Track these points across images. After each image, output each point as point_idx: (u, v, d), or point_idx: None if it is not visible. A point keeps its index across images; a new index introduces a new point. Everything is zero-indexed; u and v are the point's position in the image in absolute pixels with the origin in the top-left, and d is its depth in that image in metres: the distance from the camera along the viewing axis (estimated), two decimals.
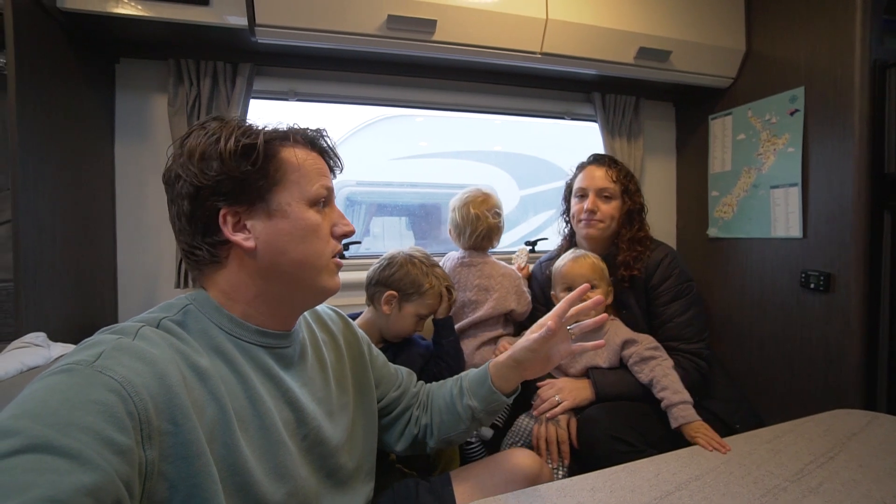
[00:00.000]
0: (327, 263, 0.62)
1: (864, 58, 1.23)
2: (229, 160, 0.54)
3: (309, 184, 0.59)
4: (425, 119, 2.15)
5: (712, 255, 1.75)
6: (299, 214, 0.58)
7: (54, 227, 1.09)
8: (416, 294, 1.10)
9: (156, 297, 1.39)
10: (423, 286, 1.10)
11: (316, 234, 0.60)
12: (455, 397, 0.78)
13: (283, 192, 0.58)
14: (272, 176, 0.57)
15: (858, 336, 1.27)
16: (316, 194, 0.60)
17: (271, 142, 0.58)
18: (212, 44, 1.31)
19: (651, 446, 0.95)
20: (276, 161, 0.58)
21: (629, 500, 0.65)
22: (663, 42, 1.49)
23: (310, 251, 0.59)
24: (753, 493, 0.67)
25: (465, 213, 1.31)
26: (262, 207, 0.57)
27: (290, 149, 0.59)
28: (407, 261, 1.13)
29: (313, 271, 0.60)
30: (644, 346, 1.09)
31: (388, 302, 1.10)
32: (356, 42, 1.26)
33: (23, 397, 0.40)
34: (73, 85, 1.16)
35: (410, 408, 0.84)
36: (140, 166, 1.37)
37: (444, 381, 0.86)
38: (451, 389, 0.81)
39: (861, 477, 0.70)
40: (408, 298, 1.10)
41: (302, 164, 0.59)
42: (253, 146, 0.56)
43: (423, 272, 1.11)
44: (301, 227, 0.58)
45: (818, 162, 1.36)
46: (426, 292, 1.10)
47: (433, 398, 0.84)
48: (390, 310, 1.10)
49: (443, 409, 0.80)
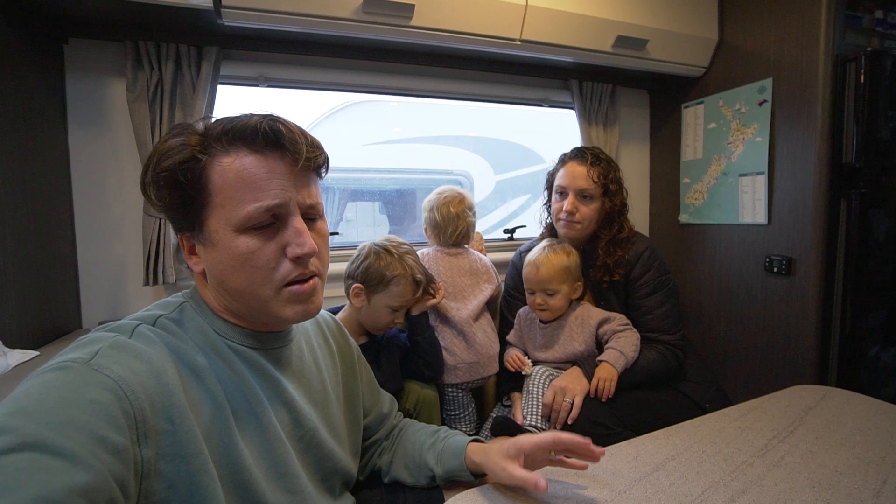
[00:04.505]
0: (275, 293, 0.53)
1: (828, 52, 1.28)
2: (154, 190, 0.51)
3: (236, 206, 0.50)
4: (399, 104, 2.10)
5: (683, 241, 1.81)
6: (226, 243, 0.51)
7: (4, 226, 1.01)
8: (381, 285, 1.09)
9: (123, 297, 1.32)
10: (386, 276, 1.09)
11: (249, 264, 0.51)
12: (424, 450, 0.74)
13: (211, 218, 0.51)
14: (197, 200, 0.50)
15: (814, 316, 1.36)
16: (246, 218, 0.50)
17: (191, 161, 0.49)
18: (174, 25, 1.22)
19: (628, 429, 1.00)
20: (202, 181, 0.50)
21: (611, 481, 0.68)
22: (640, 31, 1.50)
23: (247, 282, 0.52)
24: (724, 469, 0.71)
25: (445, 213, 1.33)
26: (200, 234, 0.52)
27: (223, 160, 0.50)
28: (371, 252, 1.12)
29: (259, 302, 0.53)
30: (617, 323, 1.17)
31: (356, 295, 1.10)
32: (330, 26, 1.21)
33: (17, 394, 0.39)
34: (15, 68, 1.06)
35: (381, 440, 0.82)
36: (98, 156, 1.27)
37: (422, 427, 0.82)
38: (423, 441, 0.76)
39: (817, 448, 0.76)
40: (374, 290, 1.10)
41: (228, 183, 0.50)
42: (169, 171, 0.49)
43: (388, 263, 1.10)
44: (230, 256, 0.51)
45: (783, 151, 1.43)
46: (391, 281, 1.09)
47: (403, 437, 0.80)
48: (360, 303, 1.11)
49: (410, 454, 0.76)
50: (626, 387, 1.08)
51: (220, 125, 0.51)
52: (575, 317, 1.21)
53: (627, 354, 1.10)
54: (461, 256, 1.36)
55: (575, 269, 1.20)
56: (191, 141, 0.50)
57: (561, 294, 1.18)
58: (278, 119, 0.52)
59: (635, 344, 1.14)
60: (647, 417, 1.01)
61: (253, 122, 0.50)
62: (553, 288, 1.17)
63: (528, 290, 1.23)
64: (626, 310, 1.23)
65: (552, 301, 1.18)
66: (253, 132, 0.50)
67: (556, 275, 1.17)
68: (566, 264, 1.18)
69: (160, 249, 1.24)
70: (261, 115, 0.52)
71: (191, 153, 0.50)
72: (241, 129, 0.50)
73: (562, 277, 1.17)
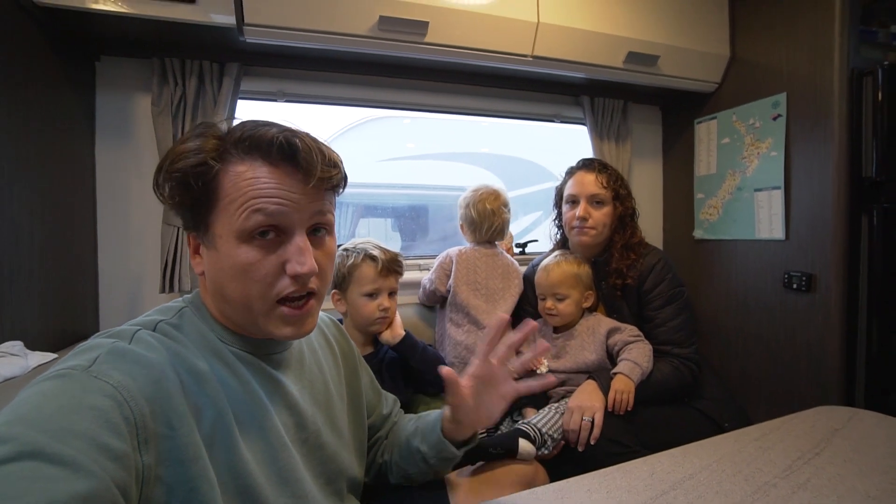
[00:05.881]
0: (270, 309, 0.52)
1: (843, 66, 1.28)
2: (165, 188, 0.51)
3: (240, 214, 0.49)
4: (412, 120, 2.14)
5: (698, 257, 1.78)
6: (228, 250, 0.50)
7: (32, 232, 1.05)
8: (347, 279, 1.11)
9: (139, 303, 1.35)
10: (346, 266, 1.11)
11: (248, 275, 0.50)
12: (410, 436, 0.73)
13: (216, 223, 0.51)
14: (205, 203, 0.50)
15: (838, 335, 1.31)
16: (247, 228, 0.49)
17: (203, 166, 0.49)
18: (198, 43, 1.28)
19: (644, 446, 0.97)
20: (213, 186, 0.50)
21: (626, 500, 0.66)
22: (651, 47, 1.52)
23: (243, 293, 0.51)
24: (745, 490, 0.68)
25: (481, 209, 1.36)
26: (205, 236, 0.52)
27: (237, 167, 0.50)
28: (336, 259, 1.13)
29: (251, 314, 0.52)
30: (628, 334, 1.16)
31: (337, 301, 1.14)
32: (347, 43, 1.25)
33: (16, 403, 0.38)
34: (50, 84, 1.12)
35: (382, 438, 0.81)
36: (122, 168, 1.32)
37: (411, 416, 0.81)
38: (407, 427, 0.76)
39: (846, 472, 0.72)
40: (345, 287, 1.12)
41: (237, 191, 0.49)
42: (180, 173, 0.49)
43: (345, 256, 1.12)
44: (230, 264, 0.50)
45: (800, 166, 1.41)
46: (350, 269, 1.11)
47: (396, 430, 0.79)
48: (343, 306, 1.13)
49: (401, 445, 0.75)
50: (642, 401, 1.05)
51: (239, 131, 0.51)
52: (586, 326, 1.21)
53: (642, 365, 1.08)
54: (497, 257, 1.38)
55: (585, 278, 1.21)
56: (206, 146, 0.50)
57: (571, 300, 1.18)
58: (297, 133, 0.51)
59: (648, 355, 1.12)
60: (664, 435, 0.97)
61: (271, 135, 0.50)
62: (563, 292, 1.19)
63: (540, 295, 1.24)
64: (638, 322, 1.22)
65: (562, 306, 1.19)
66: (269, 144, 0.50)
67: (566, 279, 1.19)
68: (576, 271, 1.20)
69: (177, 258, 1.27)
70: (280, 128, 0.51)
71: (204, 159, 0.49)
72: (258, 139, 0.50)
73: (571, 283, 1.19)
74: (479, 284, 1.32)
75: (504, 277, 1.37)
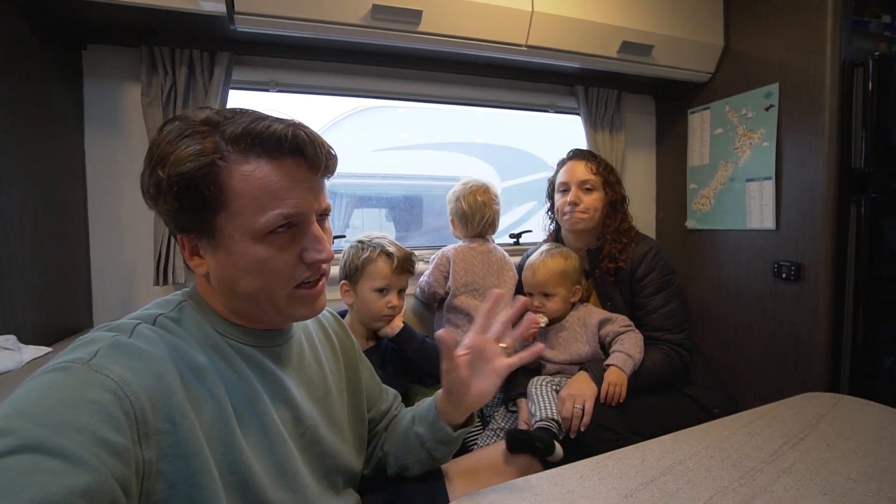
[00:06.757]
0: (287, 297, 0.54)
1: (835, 57, 1.28)
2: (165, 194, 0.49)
3: (255, 214, 0.49)
4: (406, 110, 2.12)
5: (690, 247, 1.80)
6: (243, 249, 0.50)
7: (22, 225, 1.03)
8: (360, 272, 1.12)
9: (133, 296, 1.34)
10: (361, 262, 1.11)
11: (265, 270, 0.51)
12: (408, 424, 0.74)
13: (226, 223, 0.50)
14: (212, 204, 0.49)
15: (825, 323, 1.34)
16: (264, 226, 0.50)
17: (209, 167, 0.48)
18: (188, 31, 1.25)
19: (635, 433, 0.99)
20: (217, 186, 0.49)
21: (618, 486, 0.67)
22: (646, 36, 1.51)
23: (259, 286, 0.52)
24: (732, 475, 0.70)
25: (472, 201, 1.37)
26: (207, 238, 0.52)
27: (243, 167, 0.49)
28: (349, 249, 1.15)
29: (269, 305, 0.54)
30: (619, 324, 1.17)
31: (345, 292, 1.13)
32: (340, 32, 1.23)
33: (16, 396, 0.39)
34: (36, 73, 1.10)
35: (381, 431, 0.81)
36: (112, 159, 1.30)
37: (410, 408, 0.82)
38: (406, 415, 0.78)
39: (829, 456, 0.74)
40: (356, 280, 1.12)
41: (248, 192, 0.49)
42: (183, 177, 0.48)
43: (360, 251, 1.13)
44: (246, 262, 0.51)
45: (791, 156, 1.42)
46: (366, 264, 1.11)
47: (395, 422, 0.80)
48: (351, 298, 1.13)
49: (399, 434, 0.76)
50: (634, 390, 1.07)
51: (236, 127, 0.49)
52: (577, 318, 1.22)
53: (634, 356, 1.10)
54: (490, 254, 1.38)
55: (573, 273, 1.21)
56: (206, 148, 0.48)
57: (558, 297, 1.19)
58: (301, 126, 0.51)
59: (639, 345, 1.14)
60: (655, 422, 0.99)
61: (278, 132, 0.49)
62: (550, 291, 1.19)
63: (527, 292, 1.25)
64: (630, 310, 1.24)
65: (549, 304, 1.20)
66: (277, 141, 0.49)
67: (553, 278, 1.19)
68: (563, 268, 1.20)
69: (170, 250, 1.26)
70: (284, 124, 0.50)
71: (210, 160, 0.48)
72: (263, 137, 0.49)
73: (558, 281, 1.19)
74: (477, 285, 1.32)
75: (498, 274, 1.37)
